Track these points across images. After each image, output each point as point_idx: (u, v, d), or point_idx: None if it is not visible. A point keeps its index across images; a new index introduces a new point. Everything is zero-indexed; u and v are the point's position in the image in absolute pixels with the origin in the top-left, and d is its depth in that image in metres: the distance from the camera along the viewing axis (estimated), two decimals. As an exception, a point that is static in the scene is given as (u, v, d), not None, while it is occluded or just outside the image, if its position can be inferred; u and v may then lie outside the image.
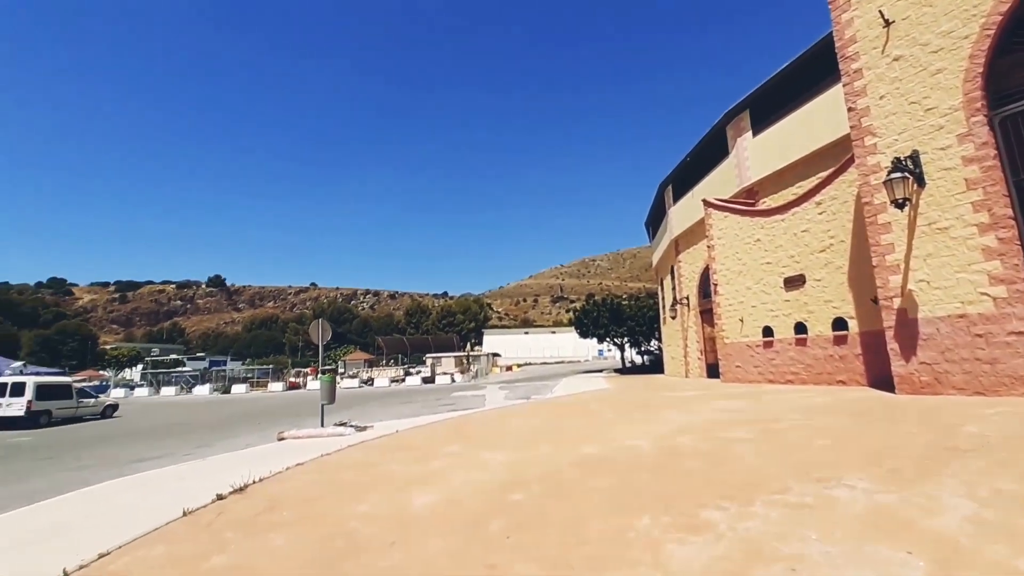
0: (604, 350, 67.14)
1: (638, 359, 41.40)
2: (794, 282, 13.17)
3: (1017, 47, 7.94)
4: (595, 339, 39.17)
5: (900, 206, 8.72)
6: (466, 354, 55.06)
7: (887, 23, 9.22)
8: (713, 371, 17.73)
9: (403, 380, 40.72)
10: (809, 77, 13.41)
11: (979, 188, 8.00)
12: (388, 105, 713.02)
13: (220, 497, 5.05)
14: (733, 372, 15.05)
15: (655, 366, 32.85)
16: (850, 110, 9.93)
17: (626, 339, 37.27)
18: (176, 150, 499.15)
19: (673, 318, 22.61)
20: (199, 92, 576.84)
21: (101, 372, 60.01)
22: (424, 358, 49.71)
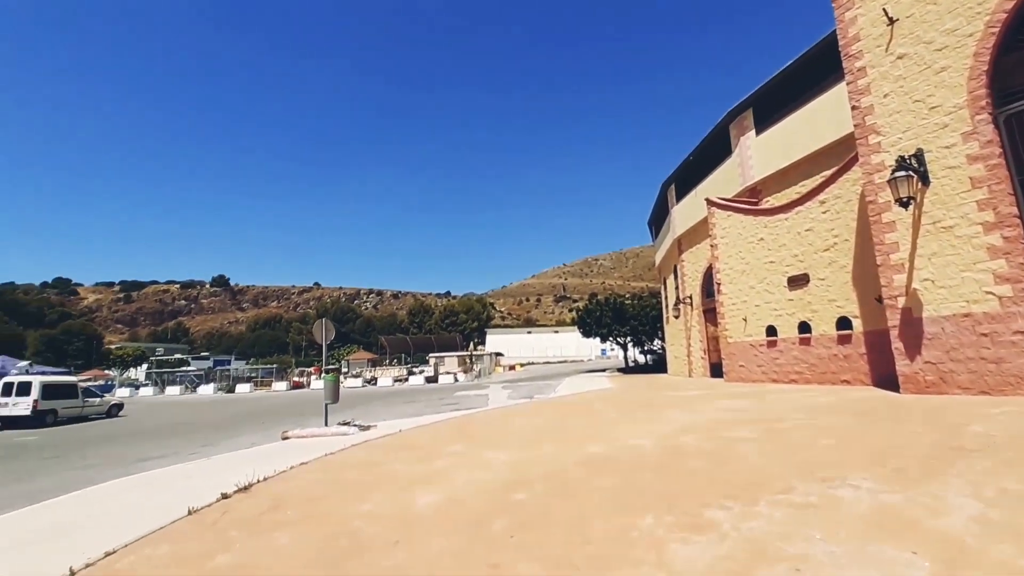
0: (607, 349, 67.07)
1: (641, 358, 41.39)
2: (798, 281, 13.13)
3: (1022, 44, 7.89)
4: (598, 338, 39.13)
5: (904, 205, 8.67)
6: (469, 354, 55.01)
7: (891, 21, 9.18)
8: (716, 371, 17.69)
9: (406, 380, 40.73)
10: (812, 75, 13.36)
11: (984, 186, 7.95)
12: (388, 105, 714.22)
13: (225, 496, 5.08)
14: (737, 371, 15.01)
15: (658, 365, 32.81)
16: (854, 108, 9.89)
17: (629, 338, 37.26)
18: (177, 150, 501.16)
19: (676, 317, 22.57)
20: (199, 92, 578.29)
21: (106, 371, 60.28)
22: (427, 358, 49.63)
